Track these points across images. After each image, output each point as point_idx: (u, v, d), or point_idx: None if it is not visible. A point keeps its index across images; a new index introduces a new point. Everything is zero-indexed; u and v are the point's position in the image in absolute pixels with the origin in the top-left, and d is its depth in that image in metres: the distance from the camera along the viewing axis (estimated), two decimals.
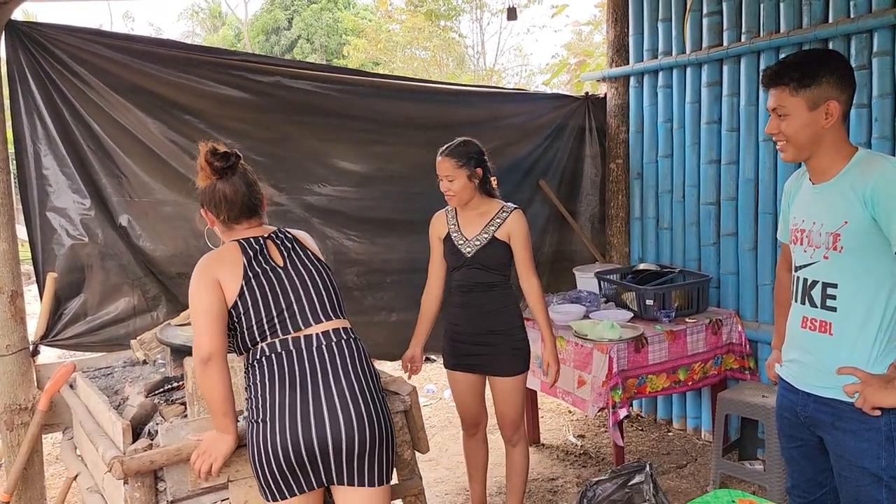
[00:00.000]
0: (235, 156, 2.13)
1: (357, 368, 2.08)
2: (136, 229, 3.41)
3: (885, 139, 3.31)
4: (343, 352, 2.09)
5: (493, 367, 3.00)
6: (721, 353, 3.88)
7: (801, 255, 2.07)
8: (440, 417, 4.89)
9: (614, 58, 4.68)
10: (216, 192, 2.11)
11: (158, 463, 2.11)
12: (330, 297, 2.16)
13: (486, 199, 3.01)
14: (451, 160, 2.91)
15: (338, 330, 2.12)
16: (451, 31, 17.20)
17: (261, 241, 2.14)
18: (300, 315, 2.09)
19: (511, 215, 2.95)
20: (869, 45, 3.36)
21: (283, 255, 2.16)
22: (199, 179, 2.13)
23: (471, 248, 2.95)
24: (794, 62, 1.98)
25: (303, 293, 2.11)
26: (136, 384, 2.68)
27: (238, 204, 2.12)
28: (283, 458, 1.95)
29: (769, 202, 3.83)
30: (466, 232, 2.98)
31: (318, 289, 2.14)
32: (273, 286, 2.09)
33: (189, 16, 25.41)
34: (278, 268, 2.12)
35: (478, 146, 2.99)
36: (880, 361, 1.94)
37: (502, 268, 2.97)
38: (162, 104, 3.38)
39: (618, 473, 2.34)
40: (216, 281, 2.04)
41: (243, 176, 2.14)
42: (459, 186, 2.92)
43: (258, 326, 2.05)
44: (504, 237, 2.94)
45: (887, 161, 1.92)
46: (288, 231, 2.24)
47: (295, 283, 2.12)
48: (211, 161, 2.08)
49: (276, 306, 2.07)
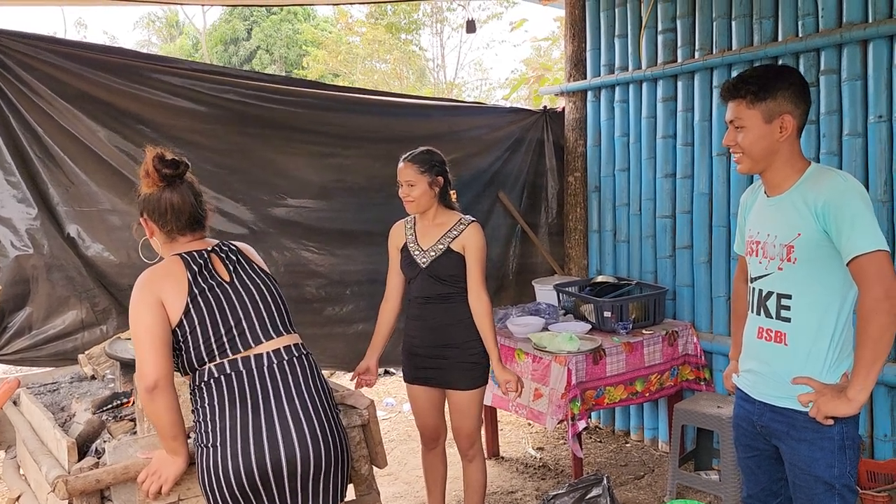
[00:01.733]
0: (185, 164, 2.04)
1: (310, 387, 2.01)
2: (86, 240, 3.32)
3: (832, 154, 3.40)
4: (295, 370, 2.01)
5: (448, 381, 2.97)
6: (677, 365, 3.92)
7: (757, 266, 2.11)
8: (399, 431, 4.85)
9: (572, 72, 4.73)
10: (162, 201, 2.00)
11: (105, 482, 2.03)
12: (279, 312, 2.07)
13: (445, 210, 2.99)
14: (414, 166, 2.91)
15: (289, 347, 2.04)
16: (412, 45, 17.27)
17: (205, 255, 2.03)
18: (249, 333, 1.99)
19: (468, 228, 2.94)
20: (816, 63, 3.46)
21: (229, 269, 2.05)
22: (144, 186, 2.02)
23: (426, 259, 2.93)
24: (752, 76, 2.02)
25: (251, 309, 2.01)
26: (84, 400, 2.60)
27: (185, 215, 2.03)
28: (235, 484, 1.87)
29: (723, 215, 3.89)
30: (423, 242, 2.96)
31: (267, 304, 2.05)
32: (220, 303, 1.98)
33: (145, 24, 25.01)
34: (224, 283, 2.01)
35: (440, 156, 2.99)
36: (833, 371, 1.98)
37: (457, 280, 2.94)
38: (113, 113, 3.31)
39: (575, 487, 2.34)
40: (159, 300, 1.93)
41: (190, 186, 2.05)
42: (419, 193, 2.90)
43: (205, 346, 1.95)
44: (459, 249, 2.92)
45: (838, 175, 1.97)
46: (231, 243, 2.13)
47: (243, 298, 2.02)
48: (159, 168, 1.98)
49: (223, 324, 1.97)
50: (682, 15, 4.03)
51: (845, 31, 3.28)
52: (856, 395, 1.85)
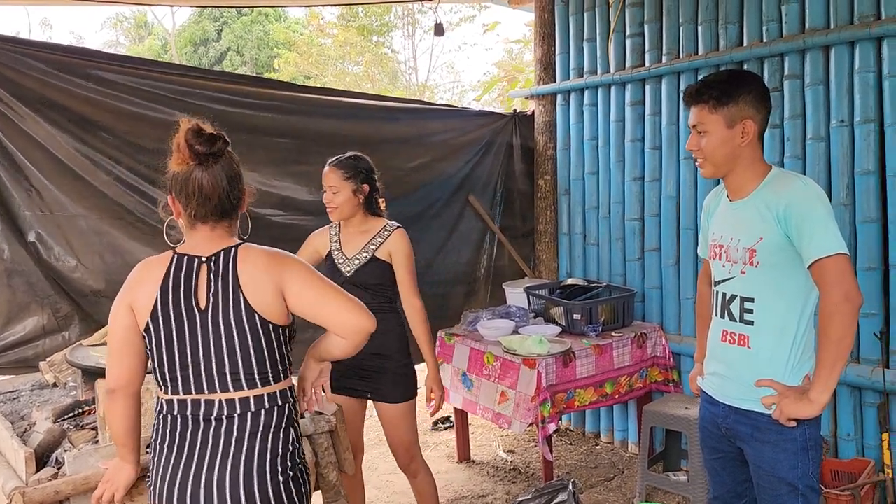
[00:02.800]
0: (223, 141, 1.78)
1: (256, 448, 1.74)
2: (48, 245, 3.26)
3: (796, 158, 3.45)
4: (244, 427, 1.74)
5: (376, 393, 2.88)
6: (646, 367, 3.95)
7: (720, 270, 2.13)
8: (369, 436, 4.81)
9: (542, 76, 4.75)
10: (191, 181, 1.73)
11: (64, 493, 1.98)
12: (247, 360, 1.74)
13: (370, 217, 2.90)
14: (339, 171, 2.81)
15: (246, 400, 1.75)
16: (384, 47, 17.22)
17: (194, 267, 1.76)
18: (206, 377, 1.74)
19: (392, 234, 2.85)
20: (781, 68, 3.51)
21: (209, 292, 1.74)
22: (173, 162, 1.75)
23: (350, 268, 2.85)
24: (714, 81, 2.04)
25: (213, 353, 1.73)
26: (45, 409, 2.53)
27: (213, 200, 1.75)
28: None
29: (690, 218, 3.93)
30: (347, 250, 2.88)
31: (234, 350, 1.73)
32: (182, 335, 1.73)
33: (112, 25, 24.64)
34: (196, 312, 1.74)
35: (368, 162, 2.89)
36: (795, 373, 2.00)
37: (382, 289, 2.85)
38: (73, 117, 3.25)
39: (541, 492, 2.34)
40: (129, 305, 1.77)
41: (227, 167, 1.78)
42: (342, 199, 2.82)
43: (160, 373, 1.78)
44: (385, 256, 2.84)
45: (799, 180, 2.00)
46: (237, 256, 1.77)
47: (208, 337, 1.73)
48: (192, 143, 1.72)
49: (179, 359, 1.74)
50: (649, 20, 4.07)
51: (808, 36, 3.33)
52: (818, 396, 1.88)
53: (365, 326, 1.80)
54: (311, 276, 1.80)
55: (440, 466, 4.27)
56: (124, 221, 3.38)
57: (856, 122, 3.24)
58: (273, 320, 1.76)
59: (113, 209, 3.35)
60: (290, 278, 1.77)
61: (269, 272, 1.76)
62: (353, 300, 1.81)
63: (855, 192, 3.26)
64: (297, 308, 1.79)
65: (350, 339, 1.81)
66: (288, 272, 1.77)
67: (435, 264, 4.46)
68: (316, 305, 1.79)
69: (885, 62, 3.12)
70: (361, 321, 1.80)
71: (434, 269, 4.44)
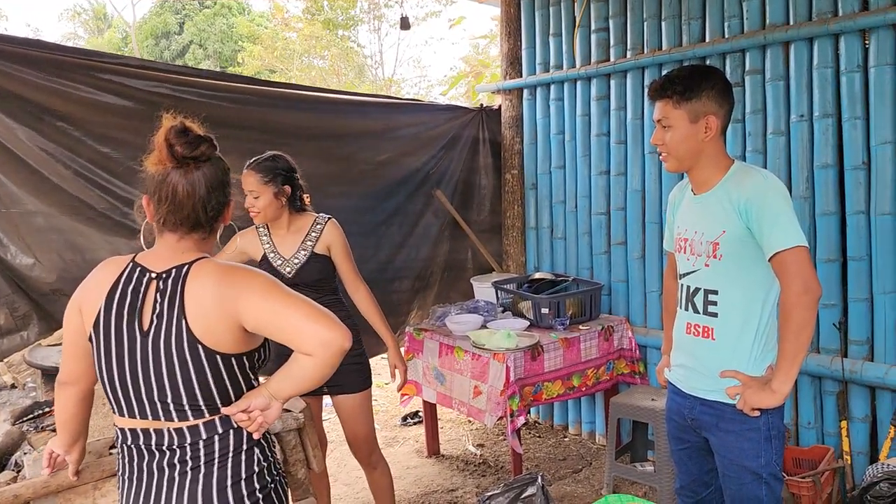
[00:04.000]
0: (209, 145, 1.61)
1: (214, 475, 1.60)
2: (4, 242, 3.15)
3: (757, 152, 3.51)
4: (198, 456, 1.59)
5: (336, 386, 2.85)
6: (613, 359, 3.99)
7: (685, 263, 2.16)
8: (339, 432, 4.79)
9: (508, 70, 4.76)
10: (165, 185, 1.58)
11: (24, 497, 1.94)
12: (191, 392, 1.56)
13: (298, 214, 2.87)
14: (257, 175, 2.74)
15: (195, 428, 1.58)
16: (350, 41, 17.12)
17: (143, 281, 1.59)
18: (148, 404, 1.58)
19: (326, 227, 2.85)
20: (742, 63, 3.56)
21: (154, 313, 1.56)
22: (150, 161, 1.59)
23: (290, 268, 2.82)
24: (678, 76, 2.06)
25: (154, 379, 1.56)
26: (3, 411, 2.49)
27: (185, 209, 1.59)
28: None
29: (655, 212, 3.98)
30: (283, 251, 2.85)
31: (175, 380, 1.55)
32: (122, 355, 1.57)
33: (70, 17, 24.10)
34: (138, 332, 1.56)
35: (288, 162, 2.83)
36: (758, 364, 2.04)
37: (326, 283, 2.86)
38: (32, 110, 3.15)
39: (510, 487, 2.35)
40: (80, 306, 1.65)
41: (210, 174, 1.61)
42: (264, 204, 2.76)
43: (106, 389, 1.63)
44: (323, 250, 2.83)
45: (759, 174, 2.03)
46: (188, 274, 1.58)
47: (148, 362, 1.55)
48: (172, 143, 1.56)
49: (120, 380, 1.58)
50: (614, 15, 4.10)
51: (768, 32, 3.39)
52: (780, 386, 1.91)
53: (335, 339, 1.51)
54: (271, 288, 1.57)
55: (410, 461, 4.27)
56: (84, 217, 3.29)
57: (815, 116, 3.30)
58: (220, 350, 1.56)
59: (72, 204, 3.27)
60: (246, 294, 1.55)
61: (221, 290, 1.55)
62: (322, 311, 1.55)
63: (814, 185, 3.33)
64: (258, 325, 1.56)
65: (317, 354, 1.52)
66: (242, 287, 1.56)
67: (396, 259, 4.45)
68: (277, 318, 1.54)
69: (843, 58, 3.19)
70: (331, 333, 1.52)
71: (394, 265, 4.43)
